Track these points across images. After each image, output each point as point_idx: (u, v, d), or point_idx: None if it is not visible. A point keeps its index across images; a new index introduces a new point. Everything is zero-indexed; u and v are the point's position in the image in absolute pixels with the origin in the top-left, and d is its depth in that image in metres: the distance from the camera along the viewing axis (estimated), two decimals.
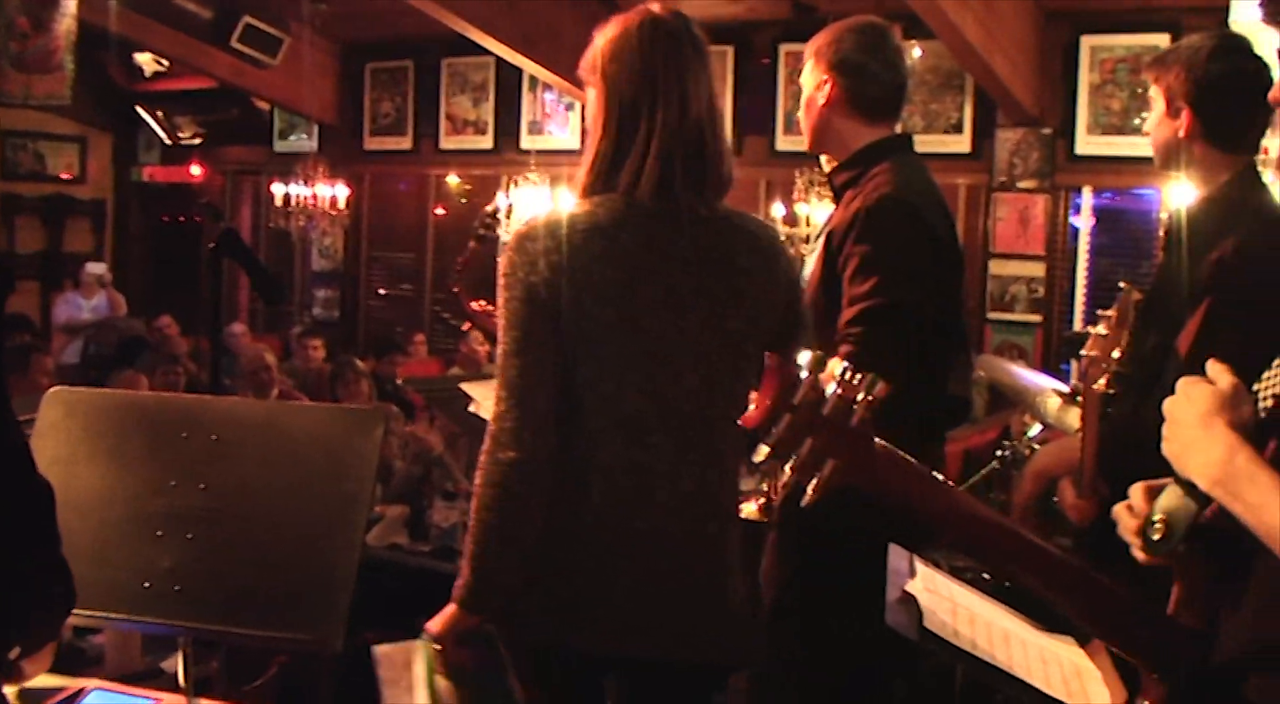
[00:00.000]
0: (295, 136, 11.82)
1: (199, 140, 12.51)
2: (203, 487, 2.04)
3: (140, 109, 12.55)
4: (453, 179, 10.89)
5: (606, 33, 2.44)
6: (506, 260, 2.33)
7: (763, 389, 1.65)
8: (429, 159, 10.92)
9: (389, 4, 9.00)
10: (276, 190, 10.64)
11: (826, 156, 3.25)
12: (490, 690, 2.32)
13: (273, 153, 11.95)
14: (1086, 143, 8.02)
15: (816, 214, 7.92)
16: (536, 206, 8.64)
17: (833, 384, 1.63)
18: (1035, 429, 4.58)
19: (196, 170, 12.38)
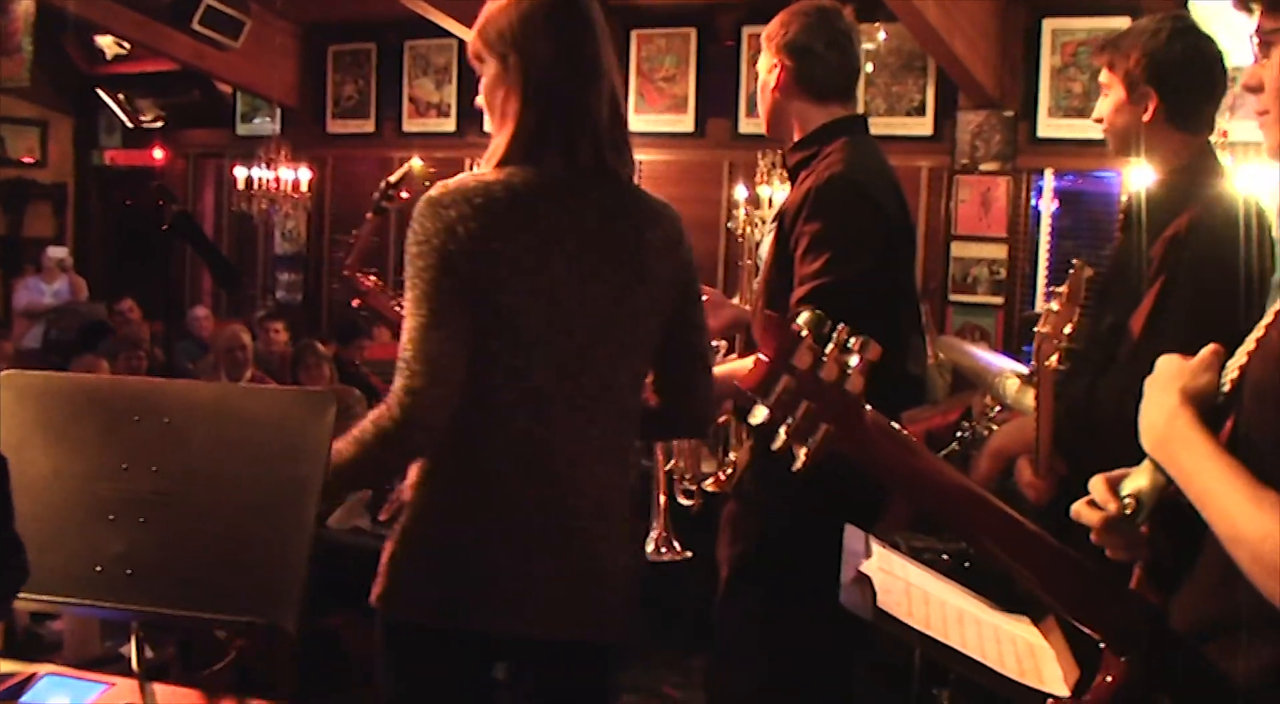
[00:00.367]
0: (258, 119, 11.73)
1: (160, 123, 12.39)
2: (155, 470, 2.03)
3: (101, 92, 12.42)
4: (416, 162, 10.81)
5: (511, 4, 2.38)
6: (418, 227, 2.27)
7: (760, 348, 1.61)
8: (392, 142, 10.86)
9: None
10: (239, 174, 10.57)
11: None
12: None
13: (235, 136, 11.86)
14: (1048, 125, 8.05)
15: (779, 196, 7.93)
16: None
17: (829, 346, 1.60)
18: (995, 410, 4.59)
19: (159, 154, 12.27)
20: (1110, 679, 1.72)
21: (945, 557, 4.01)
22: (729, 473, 3.15)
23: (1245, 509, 1.41)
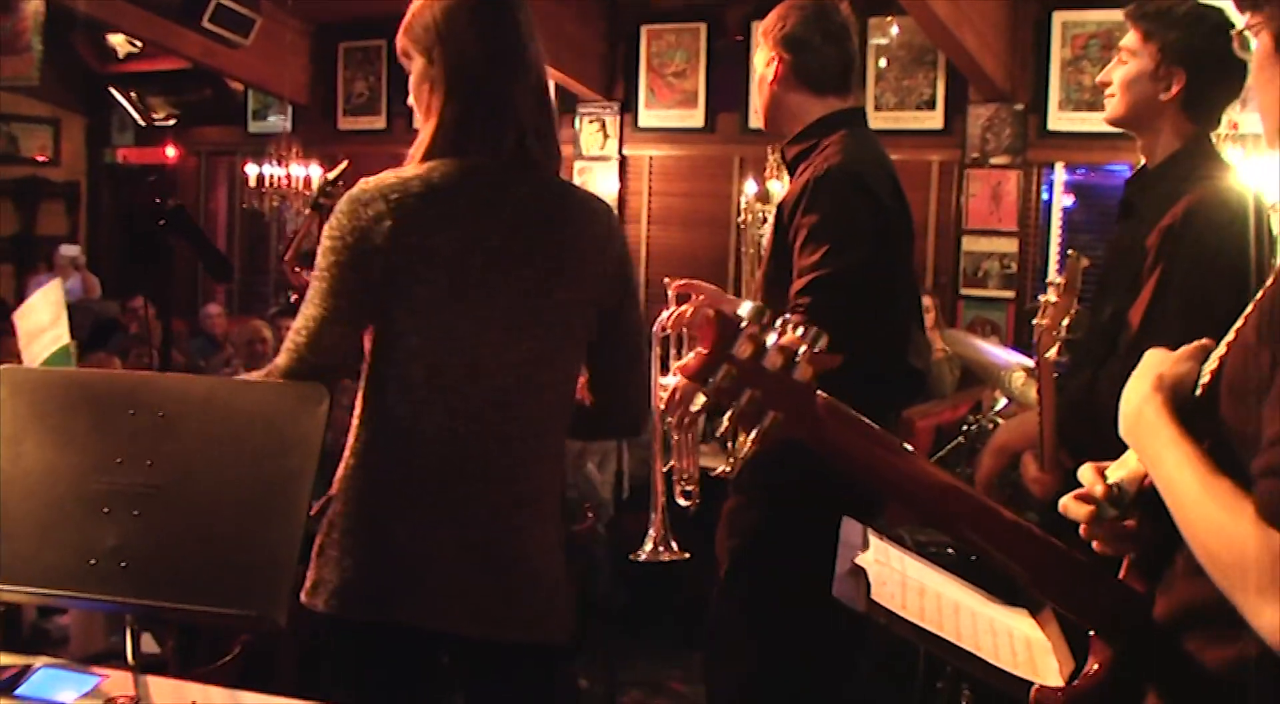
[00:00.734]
0: (270, 117, 11.75)
1: (173, 121, 12.43)
2: (149, 463, 2.03)
3: (113, 90, 12.46)
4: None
5: (435, 0, 2.40)
6: (335, 223, 2.30)
7: (700, 340, 1.63)
8: (403, 138, 10.75)
9: None
10: (250, 171, 10.58)
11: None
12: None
13: (247, 133, 11.89)
14: (1058, 119, 8.03)
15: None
16: None
17: (774, 336, 1.62)
18: (1002, 404, 4.59)
19: (171, 152, 12.31)
20: (1097, 668, 1.72)
21: (950, 550, 4.00)
22: (732, 462, 3.15)
23: (1198, 498, 1.40)
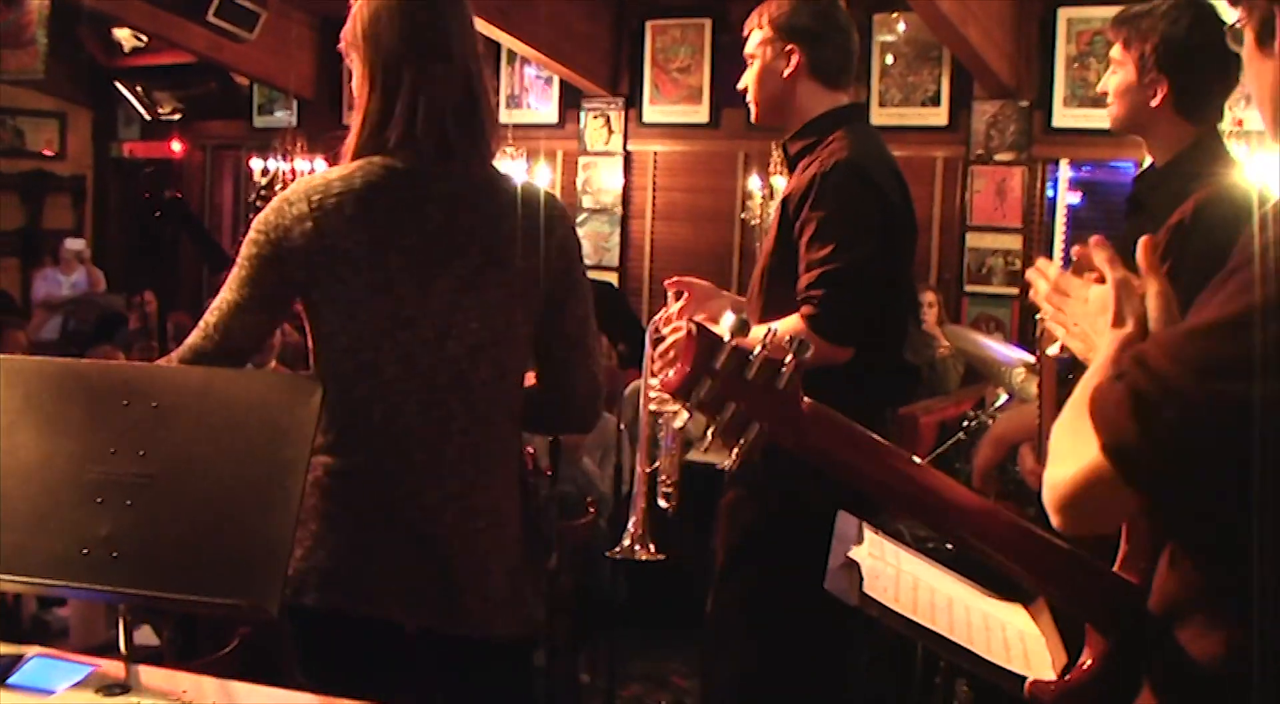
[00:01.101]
0: (275, 111, 11.76)
1: (178, 115, 12.43)
2: (142, 454, 2.03)
3: (120, 84, 12.46)
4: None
5: None
6: (262, 219, 2.32)
7: (682, 354, 1.64)
8: None
9: None
10: (255, 165, 10.59)
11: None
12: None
13: (252, 128, 11.90)
14: (1063, 115, 8.03)
15: None
16: None
17: (758, 347, 1.63)
18: (1003, 400, 4.58)
19: (177, 146, 12.32)
20: (1091, 661, 1.72)
21: (950, 546, 3.98)
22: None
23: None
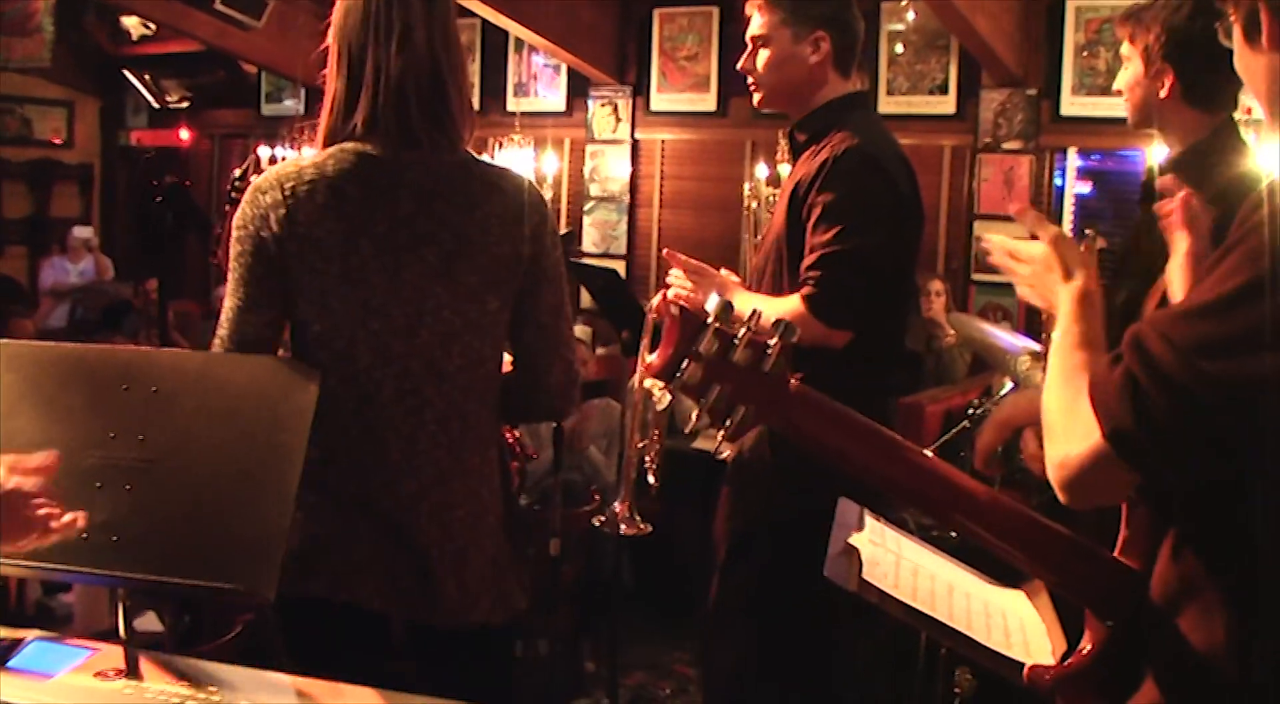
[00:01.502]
0: (283, 99, 11.76)
1: (186, 104, 12.44)
2: (141, 438, 2.04)
3: (127, 73, 12.47)
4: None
5: None
6: (240, 213, 2.33)
7: (665, 338, 1.64)
8: None
9: None
10: (263, 153, 10.57)
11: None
12: None
13: (260, 116, 11.89)
14: (1071, 104, 7.99)
15: None
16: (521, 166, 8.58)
17: (743, 329, 1.62)
18: (1008, 388, 4.57)
19: (185, 134, 12.32)
20: (1090, 648, 1.72)
21: (954, 534, 3.98)
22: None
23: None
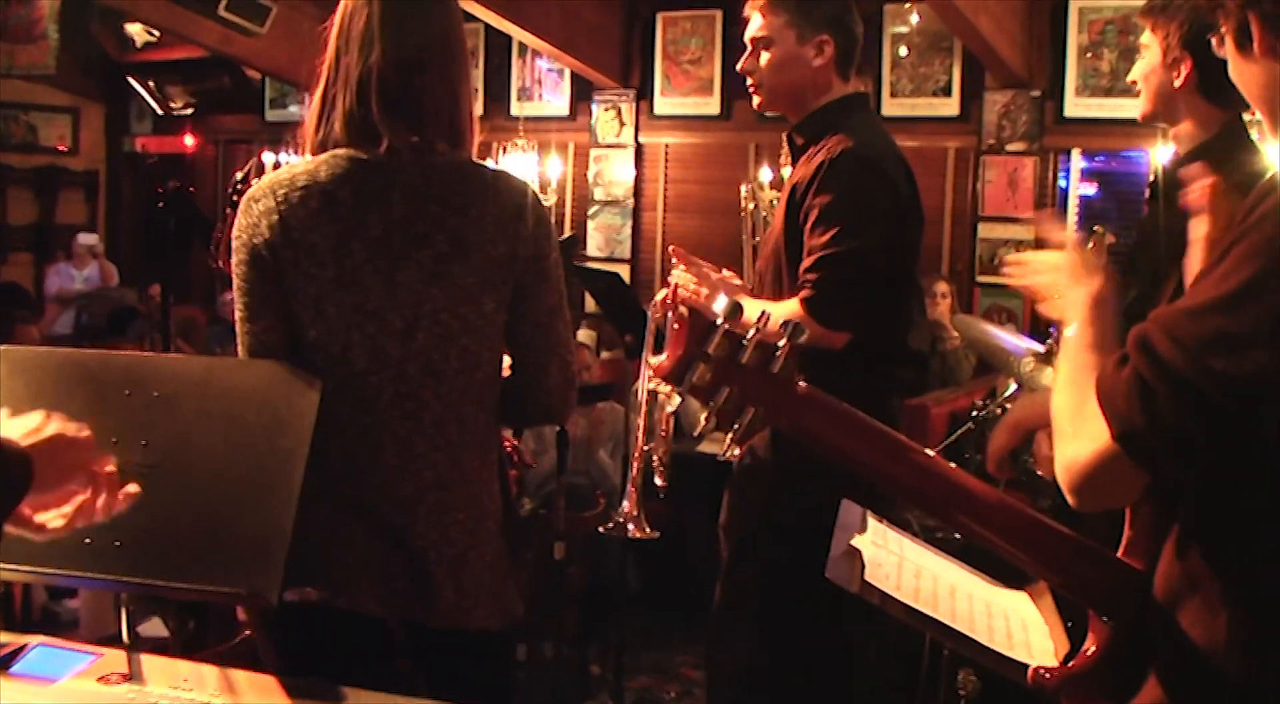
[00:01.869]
0: (287, 105, 11.76)
1: (191, 110, 12.45)
2: (144, 443, 2.05)
3: (132, 79, 12.49)
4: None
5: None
6: (236, 224, 2.34)
7: (674, 339, 1.64)
8: None
9: None
10: (267, 159, 10.56)
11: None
12: None
13: (265, 121, 11.90)
14: (1075, 105, 7.98)
15: None
16: (523, 170, 8.60)
17: (751, 331, 1.62)
18: (1012, 390, 4.57)
19: (190, 140, 12.33)
20: (1094, 649, 1.72)
21: (958, 536, 3.98)
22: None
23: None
